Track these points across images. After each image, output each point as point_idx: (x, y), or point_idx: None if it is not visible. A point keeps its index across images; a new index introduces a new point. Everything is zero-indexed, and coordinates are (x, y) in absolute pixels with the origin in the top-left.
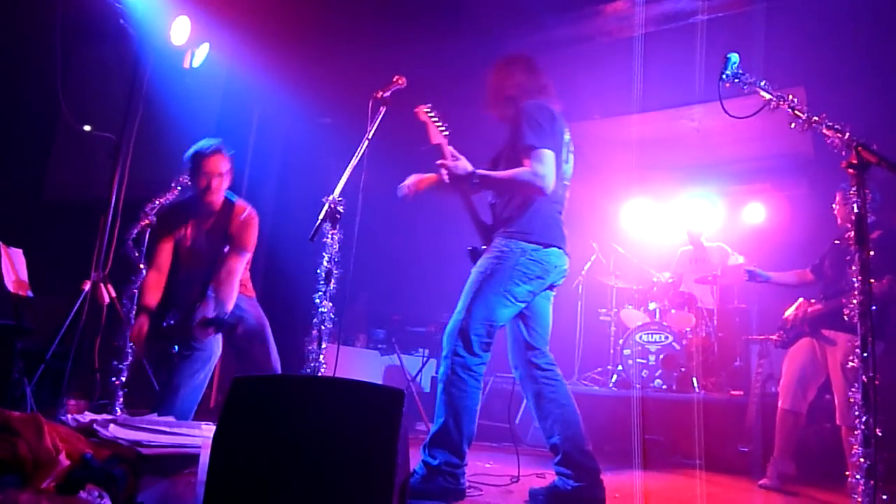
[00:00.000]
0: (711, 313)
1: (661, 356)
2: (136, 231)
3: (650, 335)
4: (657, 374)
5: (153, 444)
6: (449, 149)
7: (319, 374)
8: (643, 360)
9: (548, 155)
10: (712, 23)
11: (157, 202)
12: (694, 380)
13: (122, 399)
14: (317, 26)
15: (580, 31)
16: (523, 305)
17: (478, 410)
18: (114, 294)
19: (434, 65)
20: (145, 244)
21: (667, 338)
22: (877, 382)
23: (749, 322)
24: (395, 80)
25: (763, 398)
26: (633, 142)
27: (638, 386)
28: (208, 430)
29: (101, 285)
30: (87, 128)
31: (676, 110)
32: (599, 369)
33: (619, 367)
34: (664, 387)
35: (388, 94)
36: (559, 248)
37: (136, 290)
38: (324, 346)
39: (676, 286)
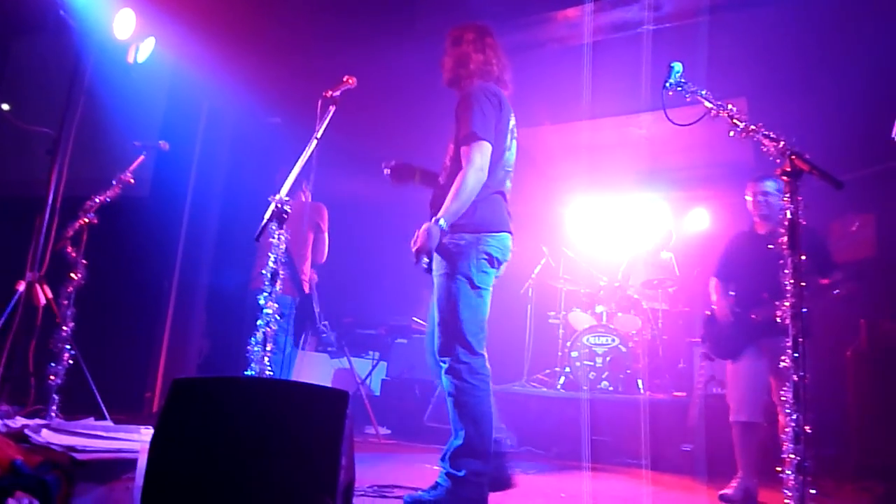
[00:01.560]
0: (657, 316)
1: (608, 358)
2: (74, 229)
3: (597, 337)
4: (604, 376)
5: (88, 450)
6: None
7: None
8: (590, 363)
9: (486, 147)
10: (659, 33)
11: (97, 200)
12: (639, 381)
13: (58, 403)
14: (268, 23)
15: (531, 37)
16: (490, 290)
17: (494, 412)
18: (50, 295)
19: (386, 65)
20: (83, 244)
21: (613, 340)
22: (806, 381)
23: (693, 325)
24: (345, 79)
25: (705, 399)
26: (582, 148)
27: (585, 388)
28: (147, 433)
29: (37, 286)
30: (4, 106)
31: (625, 117)
32: (548, 371)
33: (567, 370)
34: (610, 388)
35: (337, 93)
36: (508, 232)
37: (72, 290)
38: (269, 347)
39: (623, 289)
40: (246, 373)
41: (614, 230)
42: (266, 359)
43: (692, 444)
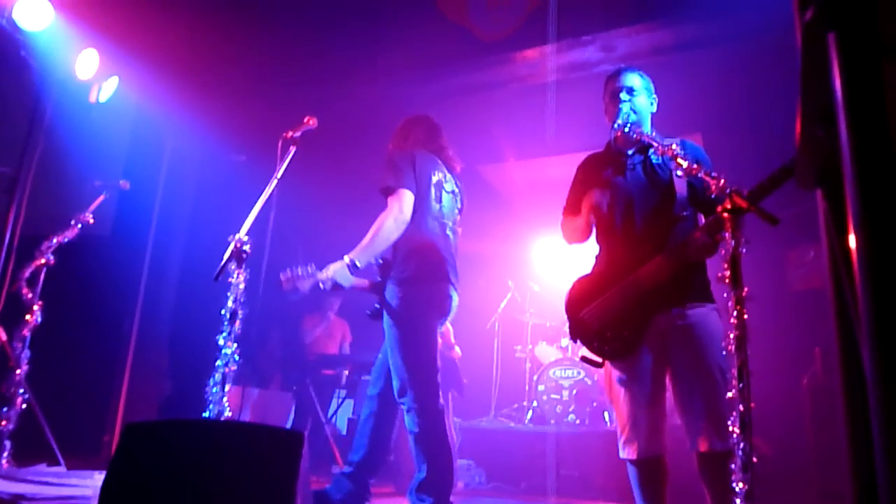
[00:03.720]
0: None
1: (574, 391)
2: (30, 270)
3: (563, 370)
4: (571, 409)
5: (38, 497)
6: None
7: (222, 418)
8: (557, 396)
9: (403, 193)
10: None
11: (55, 240)
12: (606, 414)
13: (9, 449)
14: (232, 63)
15: (493, 77)
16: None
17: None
18: (4, 337)
19: (350, 106)
20: (40, 285)
21: (579, 373)
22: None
23: None
24: (306, 120)
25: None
26: (546, 183)
27: (552, 421)
28: (100, 479)
29: None
30: None
31: (586, 153)
32: (516, 405)
33: (535, 403)
34: (577, 421)
35: (298, 134)
36: (448, 283)
37: (27, 332)
38: (228, 387)
39: None
40: (204, 414)
41: (579, 264)
42: (225, 399)
43: None
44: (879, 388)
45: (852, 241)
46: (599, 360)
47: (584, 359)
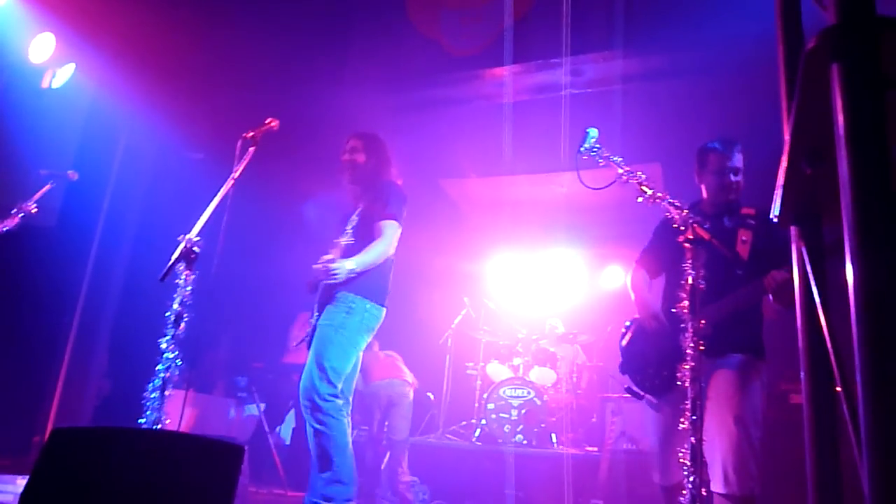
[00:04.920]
0: (572, 370)
1: (523, 411)
2: None
3: (514, 390)
4: (519, 429)
5: None
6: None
7: (159, 425)
8: (506, 415)
9: (399, 231)
10: (579, 97)
11: None
12: (553, 435)
13: None
14: (195, 56)
15: (460, 93)
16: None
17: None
18: None
19: (313, 110)
20: None
21: (529, 393)
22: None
23: (606, 380)
24: (267, 122)
25: (615, 454)
26: (505, 201)
27: (500, 440)
28: (22, 484)
29: None
30: None
31: (546, 175)
32: (464, 423)
33: (483, 422)
34: (525, 442)
35: (258, 135)
36: (385, 308)
37: None
38: (168, 393)
39: (539, 342)
40: (141, 420)
41: (534, 284)
42: (163, 406)
43: (602, 501)
44: (875, 412)
45: (849, 272)
46: (641, 393)
47: (628, 389)
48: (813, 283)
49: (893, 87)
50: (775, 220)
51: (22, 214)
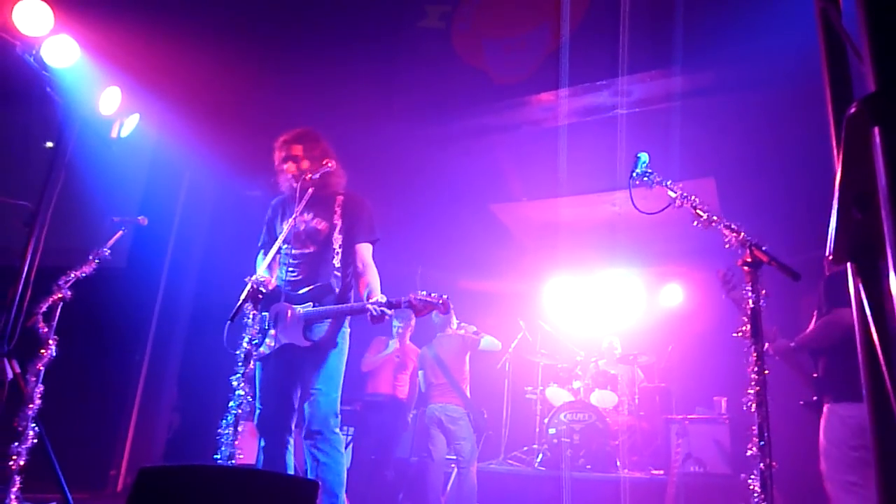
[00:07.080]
0: (633, 392)
1: (586, 435)
2: (47, 304)
3: (574, 414)
4: (581, 454)
5: None
6: None
7: (234, 461)
8: (567, 439)
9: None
10: (630, 117)
11: (73, 275)
12: (617, 459)
13: (18, 485)
14: (250, 99)
15: (508, 120)
16: None
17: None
18: (18, 370)
19: (366, 146)
20: (56, 319)
21: (590, 416)
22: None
23: (669, 401)
24: (325, 162)
25: (682, 477)
26: (558, 223)
27: (562, 465)
28: None
29: (5, 361)
30: None
31: (598, 195)
32: (525, 448)
33: (545, 447)
34: (588, 466)
35: (317, 175)
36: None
37: (41, 367)
38: (241, 429)
39: (598, 365)
40: (215, 456)
41: (590, 305)
42: (236, 442)
43: None
44: None
45: None
46: None
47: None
48: (870, 317)
49: None
50: (830, 258)
51: (97, 260)
